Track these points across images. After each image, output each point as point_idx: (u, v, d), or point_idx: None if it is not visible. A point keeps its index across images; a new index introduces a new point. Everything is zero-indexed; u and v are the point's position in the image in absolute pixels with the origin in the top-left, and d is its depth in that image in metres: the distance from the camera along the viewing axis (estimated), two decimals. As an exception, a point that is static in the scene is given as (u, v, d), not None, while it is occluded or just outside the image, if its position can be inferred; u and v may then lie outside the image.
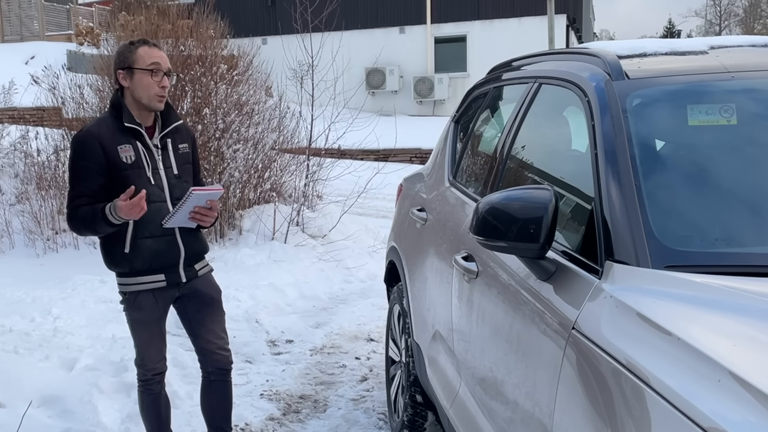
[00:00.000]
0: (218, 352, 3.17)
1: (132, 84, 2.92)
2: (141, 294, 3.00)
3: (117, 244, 2.94)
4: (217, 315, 3.18)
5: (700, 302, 1.57)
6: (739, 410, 1.23)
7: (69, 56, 18.49)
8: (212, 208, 2.93)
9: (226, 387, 3.25)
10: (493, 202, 2.02)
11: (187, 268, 3.06)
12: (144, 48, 2.93)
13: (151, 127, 3.00)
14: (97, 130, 2.90)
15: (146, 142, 2.95)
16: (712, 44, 2.43)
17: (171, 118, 3.04)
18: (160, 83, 2.91)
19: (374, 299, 6.35)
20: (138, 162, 2.91)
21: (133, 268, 2.96)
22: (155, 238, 2.94)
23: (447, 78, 22.27)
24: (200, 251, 3.14)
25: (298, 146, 8.64)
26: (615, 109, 2.08)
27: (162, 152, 2.99)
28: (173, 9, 10.01)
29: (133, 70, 2.91)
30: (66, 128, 8.45)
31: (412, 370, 3.51)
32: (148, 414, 3.20)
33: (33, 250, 7.43)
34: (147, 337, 3.07)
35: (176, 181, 3.00)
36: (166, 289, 3.03)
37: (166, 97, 2.95)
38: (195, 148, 3.19)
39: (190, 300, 3.12)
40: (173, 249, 2.99)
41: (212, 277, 3.22)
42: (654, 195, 1.90)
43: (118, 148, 2.88)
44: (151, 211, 2.85)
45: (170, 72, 2.96)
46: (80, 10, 25.77)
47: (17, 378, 4.00)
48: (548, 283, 1.99)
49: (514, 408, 2.08)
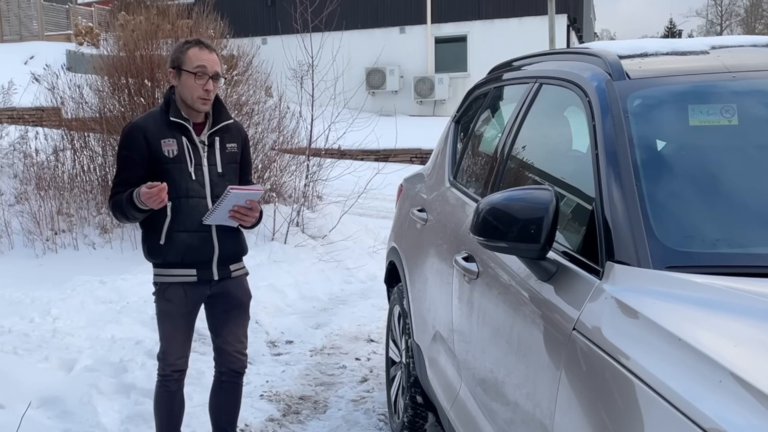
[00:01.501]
0: (234, 354, 3.20)
1: (179, 83, 2.98)
2: (171, 286, 3.03)
3: (154, 236, 3.00)
4: (242, 319, 3.21)
5: (701, 303, 1.57)
6: (741, 411, 1.23)
7: (68, 56, 18.49)
8: (252, 207, 2.96)
9: (236, 390, 3.28)
10: (494, 203, 2.01)
11: (220, 267, 3.08)
12: (194, 50, 2.96)
13: (201, 124, 3.04)
14: (143, 122, 2.99)
15: (192, 137, 2.99)
16: (713, 44, 2.43)
17: (222, 116, 3.08)
18: (204, 86, 2.93)
19: (374, 300, 6.34)
20: (180, 157, 2.95)
21: (165, 260, 3.01)
22: (190, 233, 2.97)
23: (447, 78, 22.26)
24: (236, 252, 3.14)
25: (298, 146, 8.64)
26: (616, 109, 2.07)
27: (208, 149, 3.02)
28: (173, 9, 10.01)
29: (181, 70, 2.96)
30: (65, 128, 8.45)
31: (412, 370, 3.50)
32: (159, 411, 3.21)
33: (32, 250, 7.43)
34: (171, 330, 3.08)
35: (219, 179, 3.02)
36: (198, 285, 3.05)
37: (210, 100, 2.97)
38: (246, 149, 3.20)
39: (219, 299, 3.14)
40: (207, 246, 3.01)
41: (245, 281, 3.23)
42: (655, 195, 1.89)
43: (161, 142, 2.94)
44: (188, 206, 2.94)
45: (217, 76, 2.97)
46: (79, 10, 25.77)
47: (16, 379, 3.99)
48: (549, 284, 1.98)
49: (514, 409, 2.07)
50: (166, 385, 3.15)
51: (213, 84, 2.95)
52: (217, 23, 9.69)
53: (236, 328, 3.19)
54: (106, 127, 7.97)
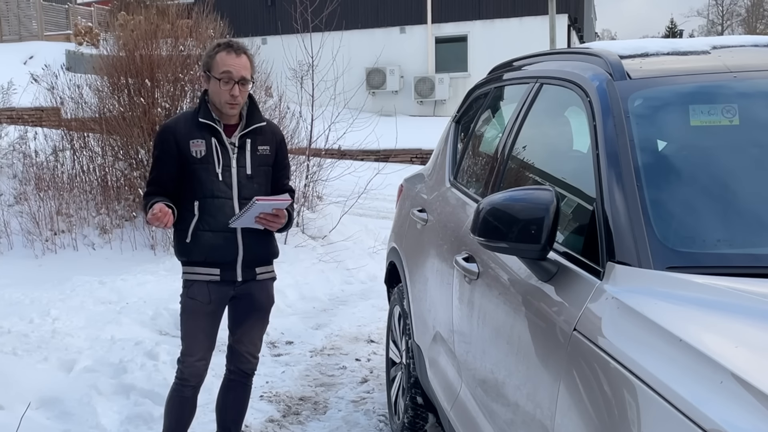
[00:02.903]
0: (245, 354, 3.22)
1: (209, 87, 3.01)
2: (196, 284, 3.06)
3: (182, 234, 3.05)
4: (260, 322, 3.23)
5: (703, 304, 1.56)
6: (742, 412, 1.22)
7: (68, 56, 18.49)
8: (278, 215, 2.97)
9: (245, 390, 3.30)
10: (495, 203, 2.01)
11: (245, 268, 3.08)
12: (221, 54, 2.97)
13: (234, 125, 3.05)
14: (174, 123, 3.07)
15: (222, 139, 3.00)
16: (714, 44, 2.42)
17: (254, 118, 3.08)
18: (230, 91, 2.93)
19: (374, 300, 6.34)
20: (208, 158, 2.98)
21: (190, 258, 3.05)
22: (214, 232, 3.00)
23: (448, 78, 22.25)
24: (263, 255, 3.15)
25: (298, 146, 8.63)
26: (617, 109, 2.07)
27: (238, 151, 3.02)
28: (173, 9, 9.99)
29: (209, 74, 2.98)
30: (65, 128, 8.44)
31: (412, 371, 3.50)
32: (170, 413, 3.22)
33: (31, 251, 7.42)
34: (192, 327, 3.09)
35: (247, 182, 3.03)
36: (221, 284, 3.06)
37: (238, 104, 2.98)
38: (281, 152, 3.18)
39: (242, 300, 3.15)
40: (231, 247, 3.03)
41: (270, 286, 3.23)
42: (656, 196, 1.89)
43: (190, 142, 2.98)
44: (214, 206, 2.98)
45: (245, 80, 2.96)
46: (79, 10, 25.77)
47: (16, 379, 3.99)
48: (549, 284, 1.98)
49: (515, 410, 2.07)
50: (181, 390, 3.15)
51: (240, 89, 2.94)
52: (216, 23, 9.68)
53: (252, 330, 3.21)
54: (105, 128, 7.96)
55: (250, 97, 3.10)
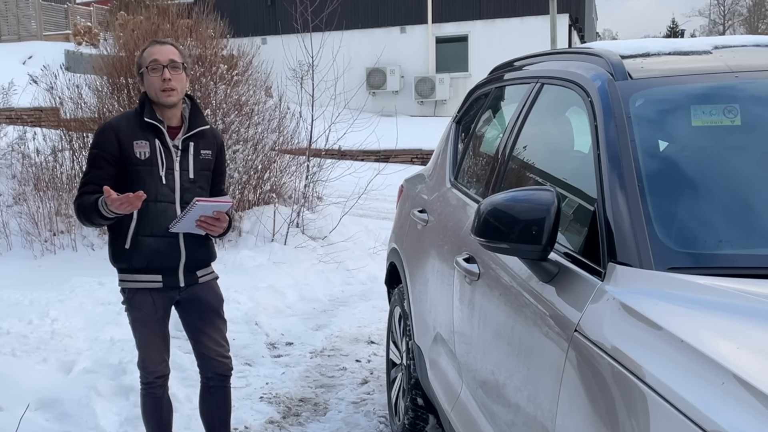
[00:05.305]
0: (217, 358, 3.16)
1: (145, 85, 2.96)
2: (138, 292, 2.99)
3: (119, 239, 2.95)
4: (218, 323, 3.16)
5: (704, 304, 1.56)
6: (743, 414, 1.22)
7: (67, 56, 18.49)
8: (219, 218, 2.92)
9: (225, 393, 3.24)
10: (495, 204, 2.00)
11: (187, 273, 3.04)
12: (149, 49, 2.97)
13: (177, 128, 3.00)
14: (116, 122, 2.98)
15: (166, 141, 2.95)
16: (715, 44, 2.42)
17: (198, 121, 3.04)
18: (161, 77, 2.89)
19: (375, 301, 6.33)
20: (152, 159, 2.91)
21: (131, 265, 2.96)
22: (156, 237, 2.93)
23: (448, 78, 22.25)
24: (203, 259, 3.11)
25: (298, 147, 8.62)
26: (618, 109, 2.06)
27: (181, 154, 2.98)
28: (173, 8, 9.99)
29: (142, 72, 2.95)
30: (64, 129, 8.43)
31: (413, 372, 3.49)
32: (149, 418, 3.18)
33: (30, 251, 7.41)
34: (147, 337, 3.05)
35: (190, 185, 2.98)
36: (164, 291, 3.01)
37: (173, 89, 2.91)
38: (221, 157, 3.15)
39: (191, 305, 3.10)
40: (173, 252, 2.97)
41: (215, 285, 3.19)
42: (657, 196, 1.88)
43: (134, 143, 2.90)
44: (156, 211, 2.89)
45: (174, 63, 2.91)
46: (78, 10, 25.77)
47: (15, 381, 3.98)
48: (550, 285, 1.97)
49: (515, 411, 2.06)
50: (152, 392, 3.12)
51: (170, 73, 2.90)
52: (217, 23, 9.66)
53: (214, 333, 3.14)
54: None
55: (192, 99, 3.07)
